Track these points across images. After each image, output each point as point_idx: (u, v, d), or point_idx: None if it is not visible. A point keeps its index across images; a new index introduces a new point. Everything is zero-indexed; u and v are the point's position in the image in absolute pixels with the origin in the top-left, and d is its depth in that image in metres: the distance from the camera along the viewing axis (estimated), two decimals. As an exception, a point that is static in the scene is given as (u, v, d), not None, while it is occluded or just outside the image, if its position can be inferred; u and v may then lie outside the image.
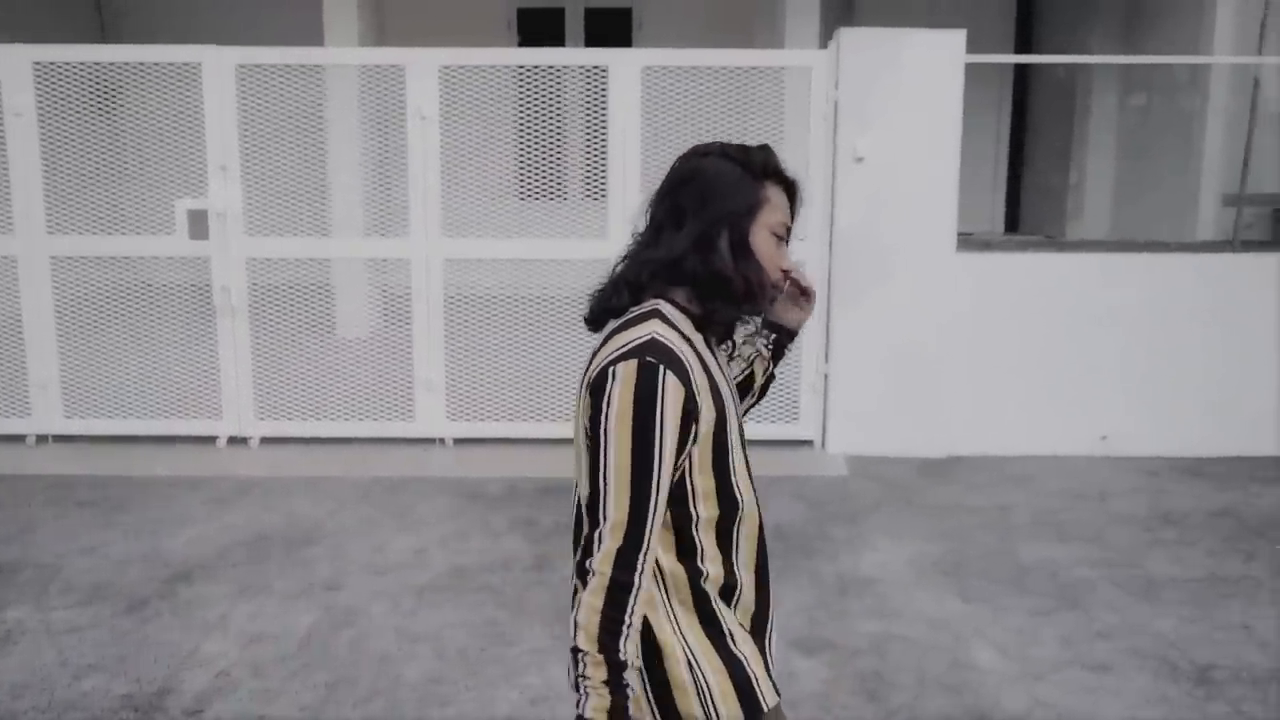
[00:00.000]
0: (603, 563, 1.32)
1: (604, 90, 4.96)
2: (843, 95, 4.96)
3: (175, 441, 5.32)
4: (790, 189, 1.50)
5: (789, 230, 1.50)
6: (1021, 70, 9.41)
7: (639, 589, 1.32)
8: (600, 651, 1.30)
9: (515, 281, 5.30)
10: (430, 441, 5.34)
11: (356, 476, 4.93)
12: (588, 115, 5.04)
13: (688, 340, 1.40)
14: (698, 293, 1.43)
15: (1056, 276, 5.33)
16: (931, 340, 5.16)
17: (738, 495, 1.44)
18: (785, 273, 1.51)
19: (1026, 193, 9.67)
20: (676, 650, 1.40)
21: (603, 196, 5.04)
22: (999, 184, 9.60)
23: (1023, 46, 9.42)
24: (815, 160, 5.02)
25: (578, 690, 1.32)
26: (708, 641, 1.42)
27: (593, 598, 1.31)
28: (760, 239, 1.45)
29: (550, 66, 5.01)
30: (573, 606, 1.33)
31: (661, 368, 1.31)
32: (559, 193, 5.13)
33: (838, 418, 5.23)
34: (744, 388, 1.73)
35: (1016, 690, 3.06)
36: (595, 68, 4.97)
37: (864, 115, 4.96)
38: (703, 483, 1.40)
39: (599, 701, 1.30)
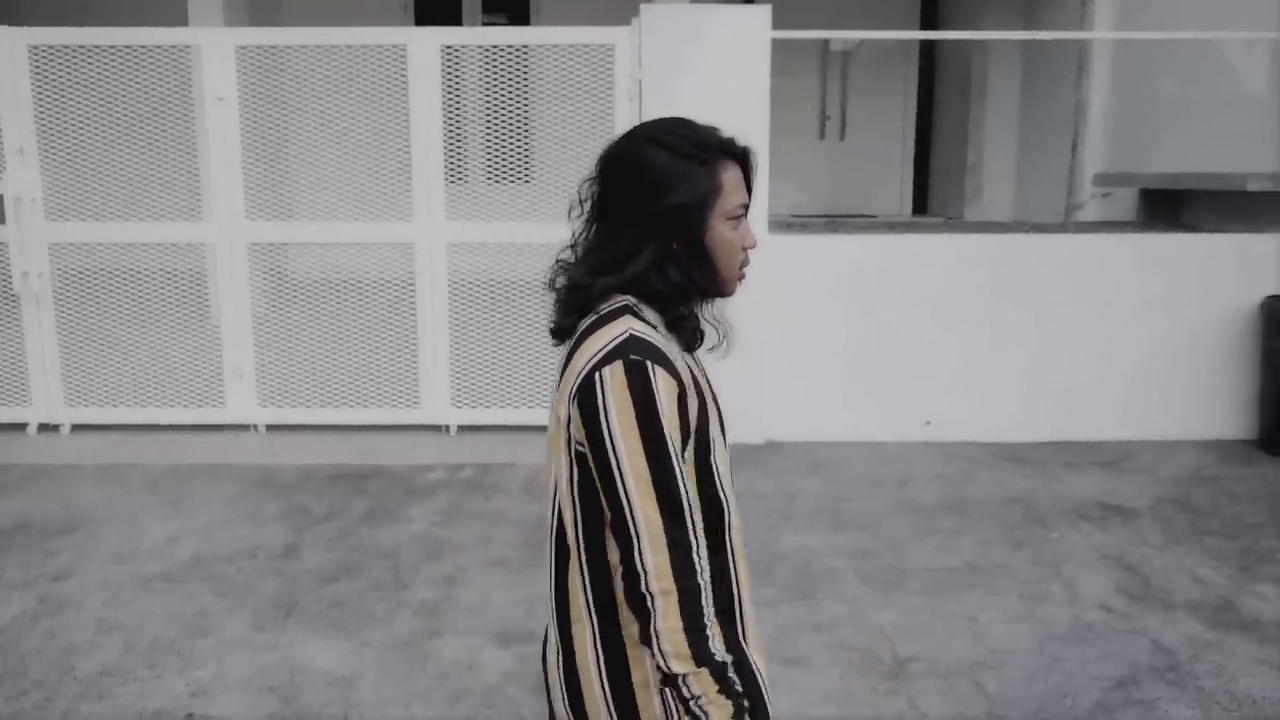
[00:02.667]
0: (659, 581, 1.21)
1: (404, 70, 4.86)
2: (647, 73, 4.85)
3: (-11, 429, 5.28)
4: (743, 160, 1.38)
5: (748, 205, 1.40)
6: (928, 50, 9.24)
7: (707, 587, 1.23)
8: (699, 665, 1.21)
9: (331, 265, 5.22)
10: (244, 428, 5.28)
11: (156, 464, 4.87)
12: (394, 95, 4.93)
13: (663, 339, 1.33)
14: (656, 306, 1.35)
15: (878, 259, 5.22)
16: (746, 324, 5.04)
17: (723, 500, 1.36)
18: (747, 250, 1.40)
19: (934, 175, 9.52)
20: (644, 664, 1.31)
21: (407, 177, 4.94)
22: (906, 166, 9.45)
23: (928, 24, 9.25)
24: (621, 141, 4.89)
25: (693, 713, 1.21)
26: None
27: (666, 621, 1.21)
28: (719, 231, 1.34)
29: (351, 46, 4.90)
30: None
31: (648, 363, 1.24)
32: (381, 174, 5.03)
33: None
34: None
35: (693, 684, 2.98)
36: (394, 47, 4.87)
37: (669, 93, 4.85)
38: (689, 489, 1.28)
39: (721, 713, 1.21)
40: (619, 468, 1.22)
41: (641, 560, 1.21)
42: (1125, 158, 6.67)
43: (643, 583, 1.21)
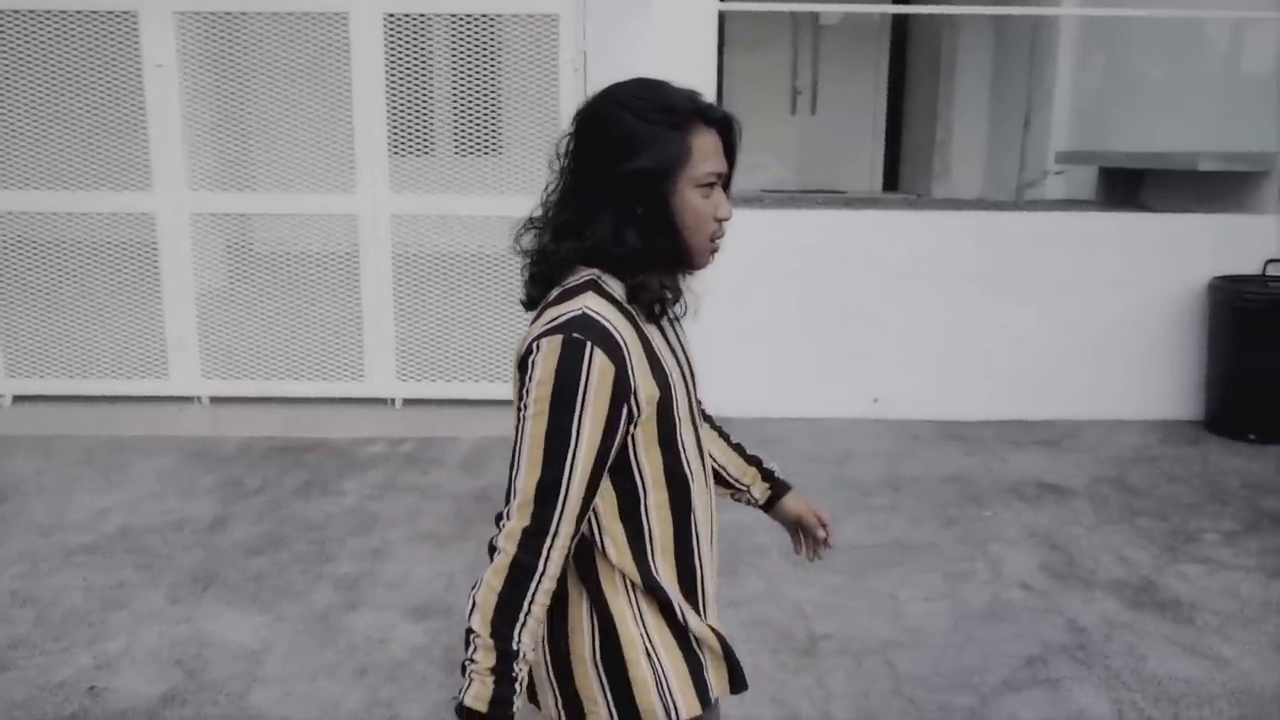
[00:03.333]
0: (507, 540, 1.24)
1: (346, 38, 4.79)
2: (591, 44, 4.79)
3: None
4: (722, 127, 1.34)
5: (724, 175, 1.35)
6: (901, 25, 9.15)
7: (542, 575, 1.24)
8: (491, 636, 1.22)
9: (277, 237, 5.17)
10: (188, 400, 5.24)
11: (95, 435, 4.83)
12: (337, 64, 4.86)
13: (626, 314, 1.30)
14: (617, 272, 1.31)
15: (831, 235, 5.19)
16: (697, 299, 5.02)
17: (687, 475, 1.36)
18: (720, 221, 1.35)
19: (905, 151, 9.46)
20: (637, 642, 1.34)
21: (351, 148, 4.88)
22: (878, 142, 9.39)
23: (899, -2, 9.15)
24: (566, 112, 4.83)
25: (463, 674, 1.24)
26: (668, 632, 1.36)
27: (493, 577, 1.24)
28: (687, 198, 1.29)
29: (292, 13, 4.83)
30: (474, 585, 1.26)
31: (589, 344, 1.21)
32: (325, 145, 4.96)
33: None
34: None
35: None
36: (336, 14, 4.79)
37: (614, 65, 4.76)
38: (650, 464, 1.32)
39: (481, 690, 1.22)
40: (522, 431, 1.24)
41: (507, 517, 1.25)
42: (1087, 136, 6.63)
43: (498, 535, 1.25)
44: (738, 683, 1.44)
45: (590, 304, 1.26)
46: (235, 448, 4.72)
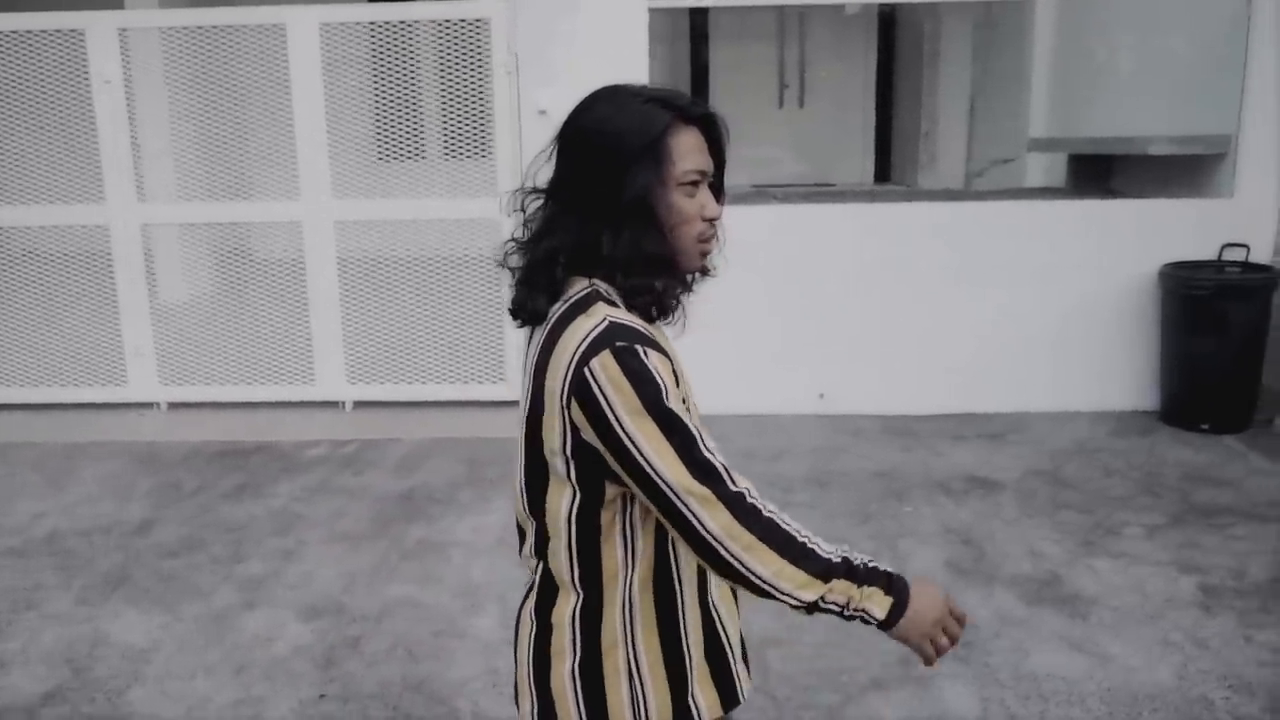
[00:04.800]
0: (734, 541, 1.20)
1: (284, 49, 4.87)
2: (522, 47, 4.81)
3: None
4: (705, 125, 1.33)
5: (709, 173, 1.34)
6: (886, 15, 9.04)
7: (776, 515, 1.23)
8: (826, 580, 1.22)
9: (232, 244, 5.29)
10: (147, 406, 5.37)
11: (51, 442, 4.99)
12: (278, 74, 4.95)
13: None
14: (611, 280, 1.31)
15: (777, 230, 5.15)
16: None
17: None
18: (711, 221, 1.35)
19: (895, 142, 9.34)
20: (621, 664, 1.33)
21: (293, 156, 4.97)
22: (868, 133, 9.28)
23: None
24: (500, 115, 4.88)
25: (856, 619, 1.24)
26: (658, 650, 1.35)
27: (766, 568, 1.20)
28: (671, 198, 1.29)
29: (232, 26, 4.92)
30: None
31: (636, 346, 1.22)
32: (270, 154, 5.06)
33: (543, 379, 5.13)
34: None
35: (474, 658, 3.01)
36: (274, 26, 4.88)
37: (546, 66, 4.81)
38: (711, 443, 1.29)
39: (878, 601, 1.23)
40: (642, 454, 1.21)
41: (709, 532, 1.20)
42: (1058, 122, 6.50)
43: (722, 551, 1.20)
44: (729, 701, 1.41)
45: (609, 313, 1.26)
46: (183, 452, 4.84)
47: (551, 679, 1.35)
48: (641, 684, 1.34)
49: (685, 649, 1.36)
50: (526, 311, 1.35)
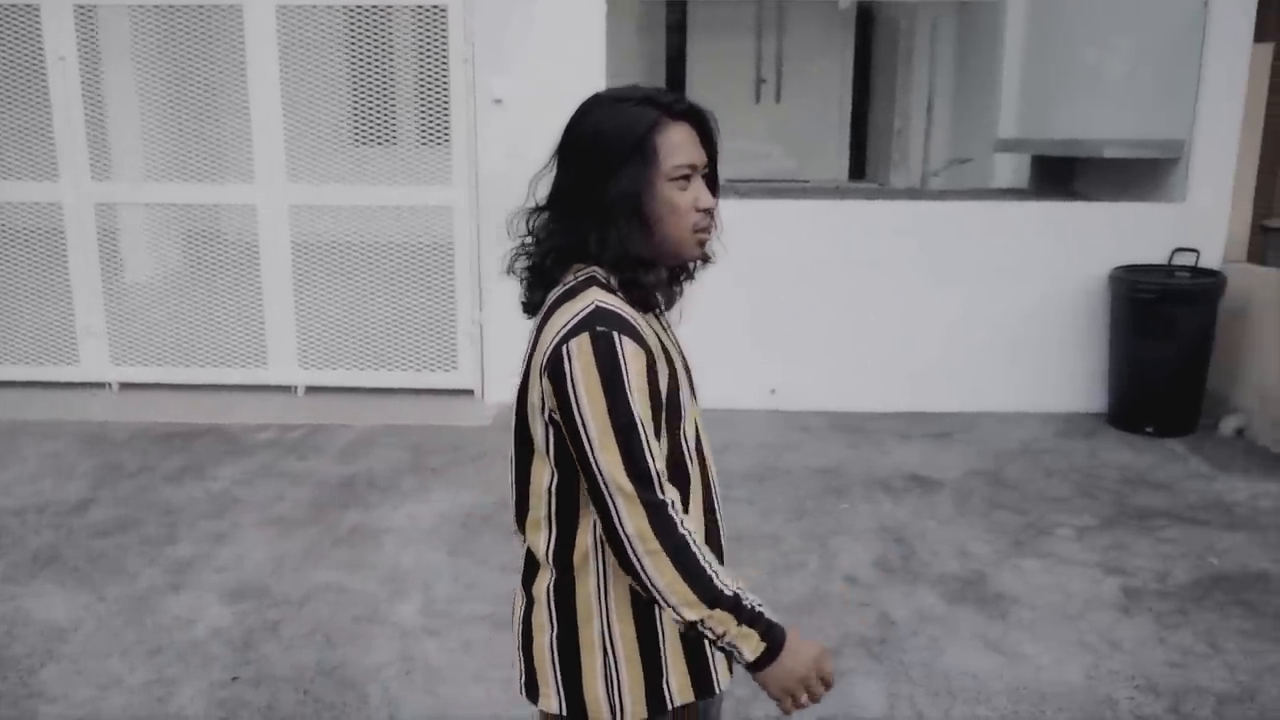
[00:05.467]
0: (643, 543, 1.25)
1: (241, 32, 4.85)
2: (479, 36, 4.80)
3: None
4: (694, 119, 1.38)
5: (700, 166, 1.39)
6: (865, 11, 9.04)
7: (691, 535, 1.26)
8: (711, 607, 1.25)
9: (188, 225, 5.27)
10: (99, 386, 5.36)
11: (0, 420, 4.98)
12: (235, 57, 4.93)
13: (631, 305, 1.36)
14: (606, 271, 1.36)
15: (738, 225, 5.12)
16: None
17: (688, 465, 1.39)
18: (706, 211, 1.40)
19: (870, 140, 9.35)
20: (593, 626, 1.37)
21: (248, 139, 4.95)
22: (844, 131, 9.28)
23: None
24: (457, 103, 4.87)
25: (727, 653, 1.29)
26: (633, 630, 1.38)
27: (662, 578, 1.25)
28: (662, 194, 1.34)
29: (188, 6, 4.90)
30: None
31: (614, 334, 1.26)
32: (226, 137, 5.04)
33: (495, 368, 5.14)
34: None
35: (391, 645, 3.01)
36: (230, 7, 4.86)
37: (501, 56, 4.80)
38: (658, 452, 1.32)
39: (749, 643, 1.27)
40: (588, 438, 1.25)
41: (623, 527, 1.25)
42: (1025, 123, 6.52)
43: (629, 550, 1.25)
44: (704, 689, 1.43)
45: (599, 298, 1.30)
46: (130, 433, 4.83)
47: (534, 650, 1.41)
48: (615, 661, 1.37)
49: (660, 630, 1.39)
50: (531, 305, 1.43)
